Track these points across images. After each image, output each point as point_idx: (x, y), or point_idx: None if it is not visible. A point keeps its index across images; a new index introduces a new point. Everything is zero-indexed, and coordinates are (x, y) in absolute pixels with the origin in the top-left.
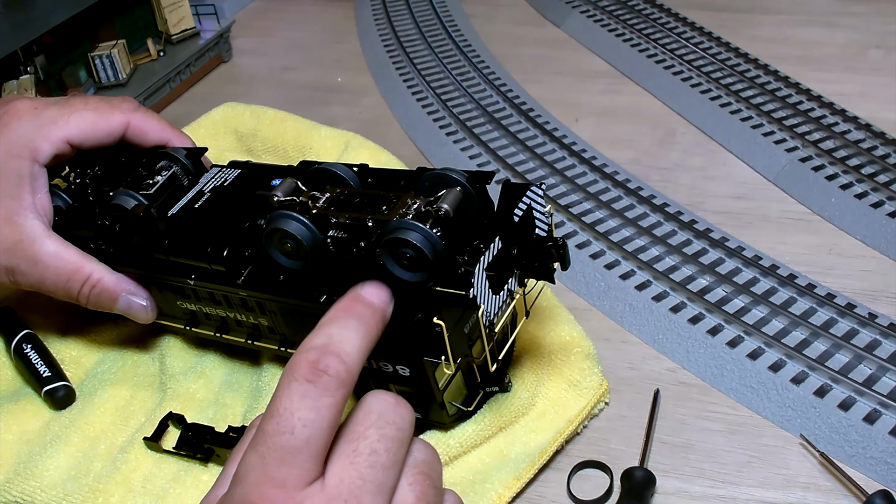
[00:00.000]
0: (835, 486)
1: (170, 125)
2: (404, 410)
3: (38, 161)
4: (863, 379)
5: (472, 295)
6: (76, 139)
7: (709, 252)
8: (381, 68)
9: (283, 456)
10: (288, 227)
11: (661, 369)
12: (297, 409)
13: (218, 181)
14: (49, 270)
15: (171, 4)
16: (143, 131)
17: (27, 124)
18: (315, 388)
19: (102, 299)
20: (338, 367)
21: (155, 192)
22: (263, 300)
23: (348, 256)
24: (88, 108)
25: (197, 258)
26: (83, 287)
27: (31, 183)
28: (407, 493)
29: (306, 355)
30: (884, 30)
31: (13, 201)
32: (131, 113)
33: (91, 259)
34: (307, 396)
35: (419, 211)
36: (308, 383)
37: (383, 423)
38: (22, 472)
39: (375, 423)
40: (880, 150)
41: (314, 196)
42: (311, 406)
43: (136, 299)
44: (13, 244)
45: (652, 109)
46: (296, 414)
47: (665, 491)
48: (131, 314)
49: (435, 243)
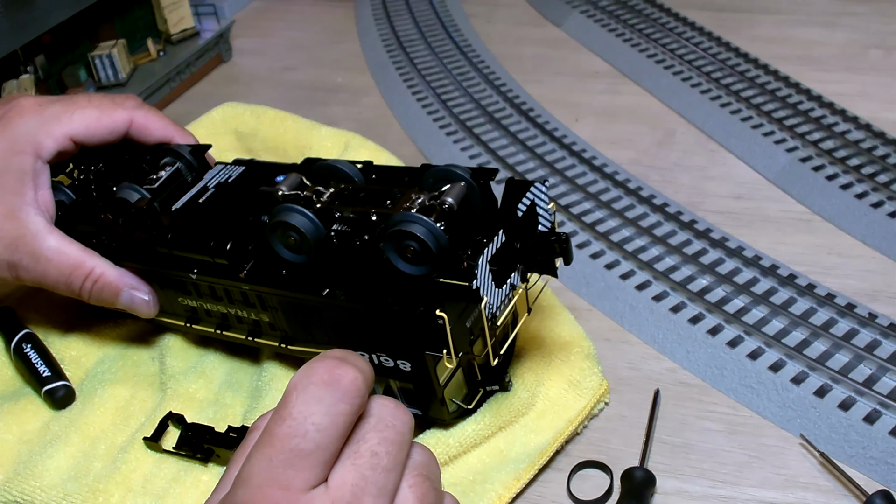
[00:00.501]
0: (835, 486)
1: (173, 123)
2: (403, 414)
3: (41, 157)
4: (863, 379)
5: (475, 286)
6: (79, 136)
7: (709, 252)
8: (381, 68)
9: (292, 459)
10: (292, 220)
11: (661, 369)
12: (312, 414)
13: (222, 177)
14: (51, 266)
15: (171, 4)
16: (147, 128)
17: (31, 121)
18: (333, 394)
19: (105, 294)
20: (355, 376)
21: (159, 186)
22: (265, 295)
23: (352, 249)
24: (92, 105)
25: (200, 252)
26: (85, 282)
27: (33, 179)
28: (408, 494)
29: (325, 362)
30: (884, 30)
31: (16, 197)
32: (135, 110)
33: (93, 254)
34: (323, 401)
35: (423, 205)
36: (326, 388)
37: (383, 426)
38: (22, 471)
39: (376, 427)
40: (880, 150)
41: (318, 191)
42: (326, 411)
43: (138, 294)
44: (15, 239)
45: (652, 109)
46: (310, 419)
47: (665, 491)
48: (133, 308)
49: (439, 236)
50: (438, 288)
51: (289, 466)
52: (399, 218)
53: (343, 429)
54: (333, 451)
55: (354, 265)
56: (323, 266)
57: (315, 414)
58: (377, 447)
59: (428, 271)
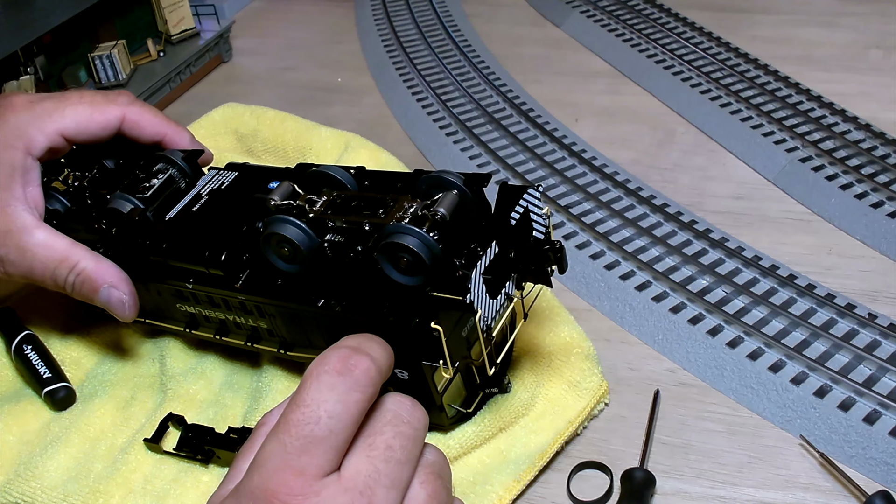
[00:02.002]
0: (835, 486)
1: (167, 118)
2: (419, 412)
3: (32, 153)
4: (863, 379)
5: (468, 300)
6: (71, 132)
7: (709, 252)
8: (381, 68)
9: (306, 445)
10: (285, 232)
11: (661, 370)
12: (325, 401)
13: (215, 184)
14: (37, 259)
15: (171, 4)
16: (140, 125)
17: (22, 117)
18: (344, 383)
19: (85, 289)
20: (368, 366)
21: (151, 195)
22: (262, 304)
23: (345, 261)
24: (84, 101)
25: (195, 262)
26: (69, 275)
27: (23, 175)
28: (419, 490)
29: (339, 351)
30: (884, 30)
31: (4, 192)
32: (127, 106)
33: (80, 247)
34: (335, 389)
35: (416, 215)
36: (338, 377)
37: (399, 421)
38: (22, 472)
39: (392, 421)
40: (880, 150)
41: (311, 199)
42: (338, 399)
43: (116, 292)
44: (2, 234)
45: (652, 109)
46: (322, 406)
47: (665, 492)
48: (110, 307)
49: (432, 247)
50: (433, 301)
51: (303, 452)
52: (392, 229)
53: (356, 416)
54: (346, 438)
55: (348, 275)
56: (317, 276)
57: (328, 401)
58: (392, 441)
59: (422, 282)
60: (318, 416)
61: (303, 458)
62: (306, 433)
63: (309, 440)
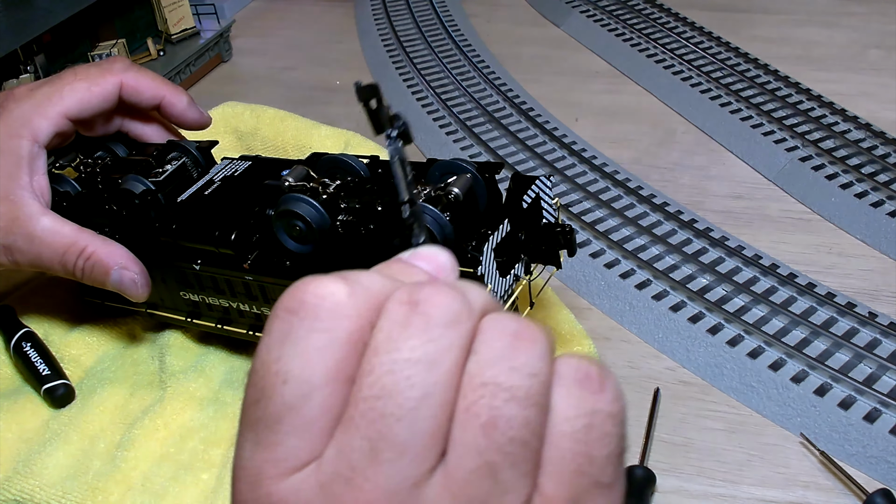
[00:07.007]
0: (835, 484)
1: (164, 80)
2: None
3: (38, 141)
4: (863, 378)
5: (479, 273)
6: (73, 111)
7: (709, 251)
8: (381, 68)
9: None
10: (298, 209)
11: (661, 368)
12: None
13: (228, 172)
14: (45, 246)
15: (171, 4)
16: (138, 89)
17: (24, 105)
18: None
19: (96, 272)
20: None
21: (164, 179)
22: (268, 285)
23: (357, 238)
24: (79, 78)
25: (204, 242)
26: (78, 260)
27: (29, 163)
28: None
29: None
30: (884, 30)
31: (10, 181)
32: (123, 73)
33: (87, 232)
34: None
35: (429, 196)
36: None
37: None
38: (21, 470)
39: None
40: (880, 150)
41: (324, 182)
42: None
43: (127, 273)
44: (9, 222)
45: (652, 109)
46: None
47: (665, 490)
48: (123, 289)
49: (444, 226)
50: None
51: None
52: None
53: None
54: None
55: (360, 255)
56: (328, 257)
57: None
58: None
59: None
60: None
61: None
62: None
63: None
